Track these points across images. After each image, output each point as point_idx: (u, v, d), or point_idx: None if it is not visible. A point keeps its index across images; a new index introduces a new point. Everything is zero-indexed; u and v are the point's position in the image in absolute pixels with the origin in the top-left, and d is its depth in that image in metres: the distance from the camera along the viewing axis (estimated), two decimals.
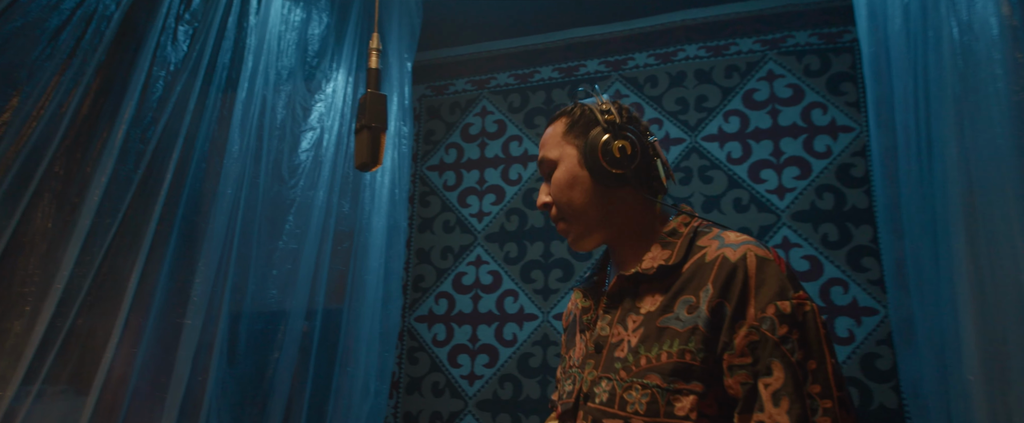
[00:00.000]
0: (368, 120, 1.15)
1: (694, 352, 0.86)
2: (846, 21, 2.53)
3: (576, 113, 1.06)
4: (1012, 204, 1.06)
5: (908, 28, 1.30)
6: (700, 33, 2.72)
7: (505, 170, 2.85)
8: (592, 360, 0.98)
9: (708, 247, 0.94)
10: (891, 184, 1.48)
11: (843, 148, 2.41)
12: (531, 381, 2.56)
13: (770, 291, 0.85)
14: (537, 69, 2.94)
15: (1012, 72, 1.09)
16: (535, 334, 2.61)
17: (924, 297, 1.25)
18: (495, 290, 2.72)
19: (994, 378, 1.01)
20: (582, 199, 1.01)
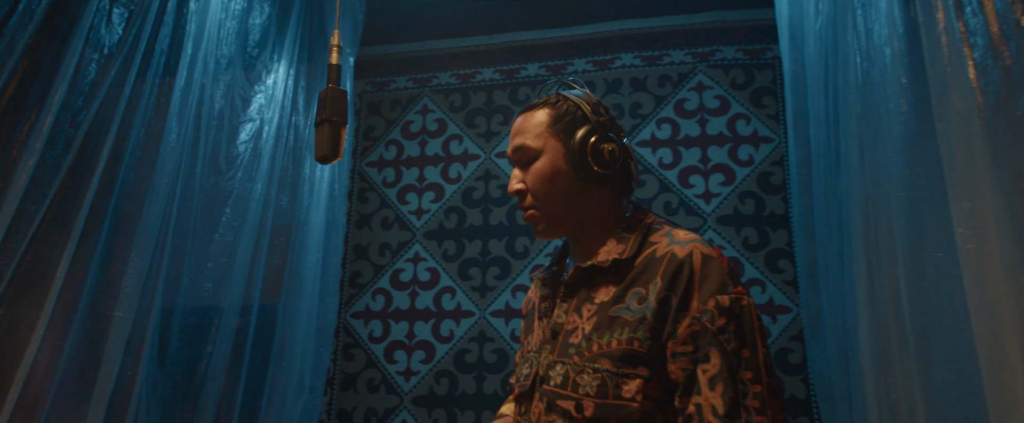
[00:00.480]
0: (329, 114, 1.17)
1: (642, 340, 0.93)
2: (769, 39, 2.71)
3: (562, 107, 1.08)
4: (896, 212, 1.19)
5: (821, 51, 1.43)
6: (636, 43, 2.85)
7: (445, 169, 2.88)
8: (548, 345, 1.04)
9: (659, 243, 1.01)
10: (805, 192, 1.62)
11: (764, 157, 2.59)
12: (467, 377, 2.60)
13: (711, 286, 0.92)
14: (479, 70, 2.99)
15: (899, 94, 1.23)
16: (472, 331, 2.66)
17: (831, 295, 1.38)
18: (433, 287, 2.74)
19: (881, 363, 1.14)
20: (561, 193, 1.05)
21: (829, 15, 1.37)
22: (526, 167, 1.08)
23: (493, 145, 2.87)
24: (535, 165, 1.06)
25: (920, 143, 1.09)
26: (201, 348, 1.87)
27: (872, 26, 1.24)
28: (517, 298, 2.66)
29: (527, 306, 1.24)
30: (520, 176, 1.09)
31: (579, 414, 0.94)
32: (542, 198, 1.06)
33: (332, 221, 2.46)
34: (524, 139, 1.08)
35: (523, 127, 1.10)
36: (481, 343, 2.64)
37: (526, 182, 1.07)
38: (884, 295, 1.14)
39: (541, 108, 1.10)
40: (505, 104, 2.91)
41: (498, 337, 2.62)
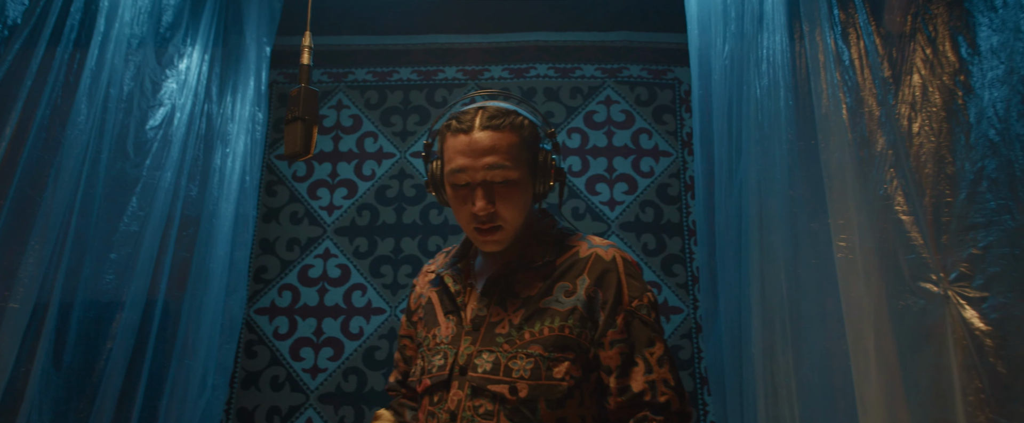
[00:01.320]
0: (302, 112, 1.18)
1: (571, 327, 1.07)
2: (670, 61, 2.96)
3: (524, 130, 1.12)
4: (781, 225, 1.40)
5: (726, 82, 1.63)
6: (550, 55, 3.00)
7: (359, 165, 2.87)
8: (469, 337, 1.11)
9: (578, 247, 1.16)
10: (708, 203, 1.82)
11: (663, 170, 2.83)
12: (376, 374, 2.61)
13: (639, 286, 1.11)
14: (396, 69, 3.00)
15: (786, 127, 1.44)
16: (382, 328, 2.67)
17: (728, 296, 1.58)
18: (343, 284, 2.72)
19: (767, 353, 1.34)
20: (524, 215, 1.13)
21: (735, 51, 1.57)
22: (496, 188, 1.08)
23: (409, 145, 2.89)
24: (512, 191, 1.09)
25: (801, 169, 1.30)
26: (100, 344, 1.75)
27: (768, 69, 1.44)
28: None
29: (418, 302, 1.28)
30: (488, 196, 1.08)
31: (513, 396, 1.03)
32: (510, 220, 1.10)
33: (242, 214, 2.38)
34: (500, 158, 1.07)
35: (495, 146, 1.08)
36: (391, 340, 2.65)
37: (497, 205, 1.08)
38: (772, 295, 1.34)
39: (507, 130, 1.10)
40: (422, 105, 2.94)
41: None
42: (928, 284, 0.91)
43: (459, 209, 1.14)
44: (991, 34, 0.90)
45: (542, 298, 1.10)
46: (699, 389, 2.53)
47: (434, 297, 1.24)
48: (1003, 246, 0.86)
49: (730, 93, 1.63)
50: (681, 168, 2.85)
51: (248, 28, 2.44)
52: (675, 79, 2.96)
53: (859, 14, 1.07)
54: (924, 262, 0.93)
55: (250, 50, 2.46)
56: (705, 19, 1.82)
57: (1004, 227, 0.86)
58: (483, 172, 1.07)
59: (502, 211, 1.10)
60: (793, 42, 1.30)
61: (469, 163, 1.08)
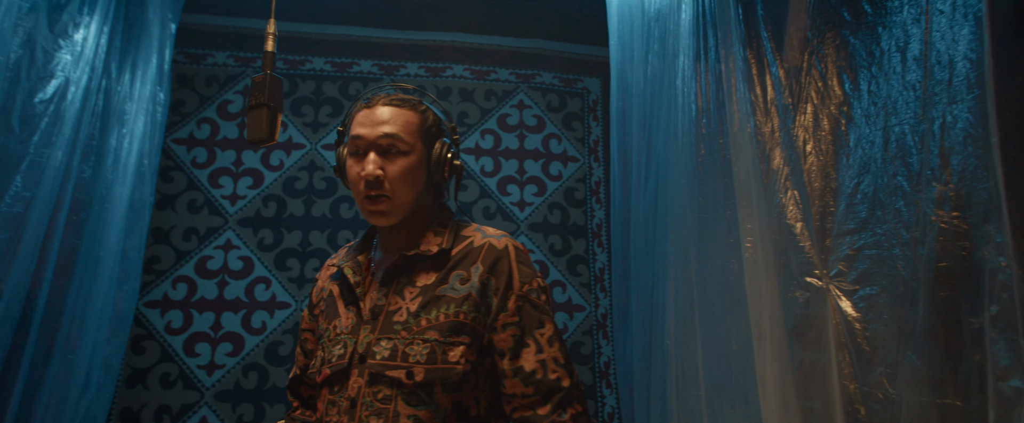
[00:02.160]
0: (267, 99, 1.15)
1: (466, 312, 1.11)
2: (580, 71, 3.11)
3: (428, 116, 1.21)
4: (692, 230, 1.56)
5: (644, 94, 1.78)
6: (466, 56, 3.05)
7: (266, 155, 2.77)
8: (368, 326, 1.14)
9: (473, 236, 1.20)
10: (624, 206, 1.95)
11: (570, 174, 2.97)
12: (279, 370, 2.54)
13: (529, 271, 1.17)
14: (309, 58, 2.93)
15: (698, 141, 1.60)
16: (287, 322, 2.60)
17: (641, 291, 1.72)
18: (245, 276, 2.62)
19: (680, 341, 1.48)
20: (413, 192, 1.17)
21: (655, 69, 1.71)
22: (388, 157, 1.14)
23: (320, 136, 2.84)
24: (402, 160, 1.15)
25: (709, 180, 1.45)
26: None
27: (683, 88, 1.59)
28: None
29: (320, 296, 1.29)
30: (379, 162, 1.14)
31: (410, 380, 1.07)
32: (399, 192, 1.15)
33: (137, 199, 2.24)
34: (396, 130, 1.14)
35: (393, 118, 1.16)
36: (297, 335, 2.59)
37: (386, 171, 1.14)
38: (684, 291, 1.48)
39: (409, 108, 1.19)
40: (335, 97, 2.90)
41: None
42: (812, 279, 1.08)
43: (353, 180, 1.18)
44: (868, 75, 1.08)
45: (438, 286, 1.14)
46: (598, 382, 2.68)
47: (335, 290, 1.25)
48: (871, 248, 1.04)
49: (646, 107, 1.77)
50: (587, 174, 3.00)
51: (152, 1, 2.29)
52: (584, 88, 3.12)
53: (765, 49, 1.23)
54: (810, 261, 1.10)
55: (153, 25, 2.31)
56: (625, 38, 1.96)
57: (872, 233, 1.04)
58: (377, 139, 1.14)
59: (390, 177, 1.13)
60: (707, 67, 1.45)
61: (366, 131, 1.15)
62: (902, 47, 1.01)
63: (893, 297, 0.97)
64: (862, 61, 1.10)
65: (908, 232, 0.95)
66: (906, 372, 0.92)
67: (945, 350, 0.88)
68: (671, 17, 1.62)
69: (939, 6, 0.95)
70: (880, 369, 0.98)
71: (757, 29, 1.25)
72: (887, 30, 1.05)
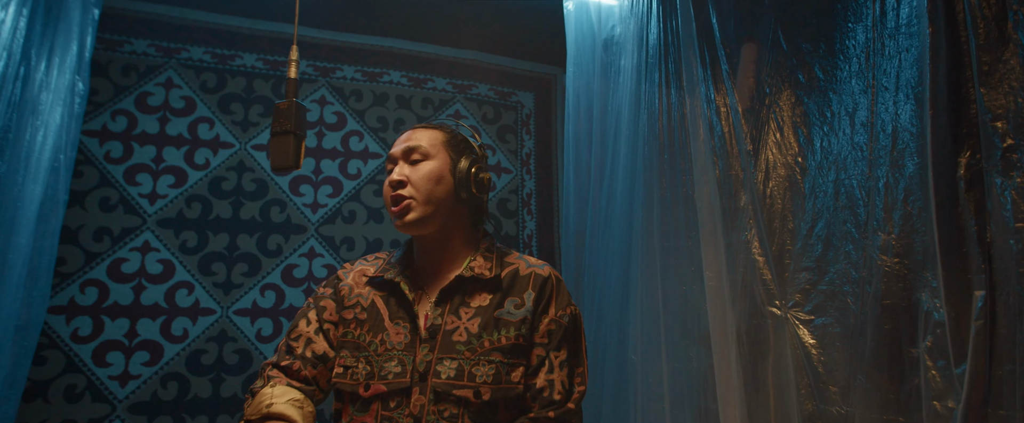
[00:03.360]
0: (294, 127, 1.16)
1: (524, 336, 1.19)
2: (515, 85, 3.21)
3: (454, 135, 1.30)
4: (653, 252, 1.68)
5: (603, 126, 1.89)
6: (404, 63, 3.06)
7: (190, 153, 2.63)
8: (427, 344, 1.17)
9: (517, 265, 1.28)
10: (580, 226, 2.05)
11: (504, 186, 3.05)
12: (201, 379, 2.43)
13: (565, 299, 1.27)
14: (239, 54, 2.81)
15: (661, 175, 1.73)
16: (211, 329, 2.49)
17: (593, 308, 1.83)
18: (165, 281, 2.48)
19: (648, 355, 1.60)
20: (439, 196, 1.23)
21: (619, 99, 1.83)
22: (414, 166, 1.23)
23: (250, 136, 2.73)
24: (424, 164, 1.23)
25: (672, 212, 1.59)
26: None
27: (649, 122, 1.73)
28: (266, 297, 2.59)
29: (353, 299, 1.27)
30: (406, 170, 1.23)
31: (477, 399, 1.13)
32: (422, 192, 1.21)
33: (50, 197, 2.06)
34: (419, 142, 1.25)
35: (417, 136, 1.27)
36: (221, 343, 2.49)
37: (409, 176, 1.22)
38: (649, 309, 1.61)
39: (437, 129, 1.30)
40: (267, 96, 2.80)
41: (241, 337, 2.51)
42: (774, 308, 1.23)
43: (385, 196, 1.26)
44: (820, 132, 1.25)
45: (495, 309, 1.20)
46: None
47: (379, 301, 1.25)
48: (824, 284, 1.21)
49: (608, 133, 1.89)
50: (520, 185, 3.10)
51: None
52: (518, 102, 3.21)
53: (729, 94, 1.37)
54: (771, 292, 1.25)
55: (74, 9, 2.13)
56: (584, 63, 2.07)
57: (825, 271, 1.21)
58: (404, 150, 1.24)
59: (413, 180, 1.21)
60: (670, 105, 1.59)
61: (396, 148, 1.27)
62: (851, 112, 1.19)
63: (845, 327, 1.14)
64: (815, 119, 1.27)
65: (857, 272, 1.12)
66: (857, 392, 1.09)
67: (890, 374, 1.06)
68: (636, 51, 1.74)
69: (884, 82, 1.13)
70: (834, 389, 1.14)
71: (720, 75, 1.40)
72: (838, 96, 1.22)
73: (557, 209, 3.15)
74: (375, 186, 2.86)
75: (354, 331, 1.24)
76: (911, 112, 1.04)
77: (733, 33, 1.41)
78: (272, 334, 2.56)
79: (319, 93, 2.88)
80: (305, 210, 2.73)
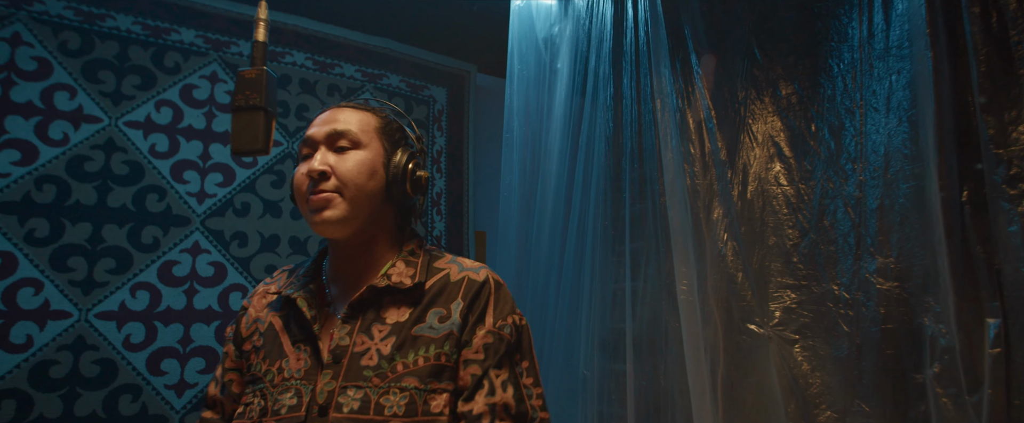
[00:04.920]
0: (262, 101, 0.91)
1: (448, 354, 0.99)
2: (428, 79, 3.06)
3: (388, 119, 1.12)
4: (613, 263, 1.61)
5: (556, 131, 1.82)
6: (310, 44, 2.80)
7: (43, 125, 2.21)
8: (329, 370, 0.97)
9: (449, 269, 1.08)
10: (522, 230, 1.94)
11: None
12: (49, 396, 2.03)
13: (506, 307, 1.07)
14: (112, 14, 2.42)
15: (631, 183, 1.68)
16: (65, 336, 2.09)
17: (536, 316, 1.73)
18: (4, 277, 2.05)
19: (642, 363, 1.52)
20: (369, 193, 1.03)
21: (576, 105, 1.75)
22: (340, 154, 1.04)
23: (123, 110, 2.35)
24: (353, 154, 1.04)
25: (642, 224, 1.54)
26: None
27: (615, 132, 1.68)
28: (138, 298, 2.23)
29: (253, 328, 1.10)
30: (327, 158, 1.03)
31: None
32: (351, 187, 1.02)
33: None
34: (349, 126, 1.05)
35: (346, 118, 1.07)
36: (77, 352, 2.10)
37: (335, 166, 1.02)
38: (614, 321, 1.53)
39: (367, 110, 1.11)
40: (145, 65, 2.43)
41: (104, 345, 2.15)
42: (754, 326, 1.21)
43: (297, 185, 1.05)
44: (802, 150, 1.25)
45: (414, 325, 1.00)
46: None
47: (278, 323, 1.06)
48: (810, 304, 1.20)
49: (565, 138, 1.80)
50: (429, 185, 2.95)
51: None
52: (430, 97, 3.07)
53: (701, 102, 1.35)
54: (751, 309, 1.22)
55: None
56: (528, 64, 1.98)
57: (809, 290, 1.20)
58: (327, 135, 1.04)
59: (340, 172, 1.01)
60: (639, 112, 1.54)
61: (315, 130, 1.06)
62: (836, 131, 1.20)
63: (837, 350, 1.14)
64: (796, 135, 1.28)
65: (849, 293, 1.13)
66: (855, 418, 1.09)
67: (894, 401, 1.06)
68: (593, 51, 1.69)
69: (873, 103, 1.15)
70: (828, 413, 1.14)
71: (693, 82, 1.37)
72: (820, 114, 1.23)
73: (468, 210, 3.04)
74: (273, 176, 2.58)
75: (252, 362, 1.06)
76: (904, 135, 1.08)
77: (705, 40, 1.39)
78: (144, 341, 2.21)
79: (210, 69, 2.55)
80: (190, 199, 2.40)
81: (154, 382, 2.20)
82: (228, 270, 2.42)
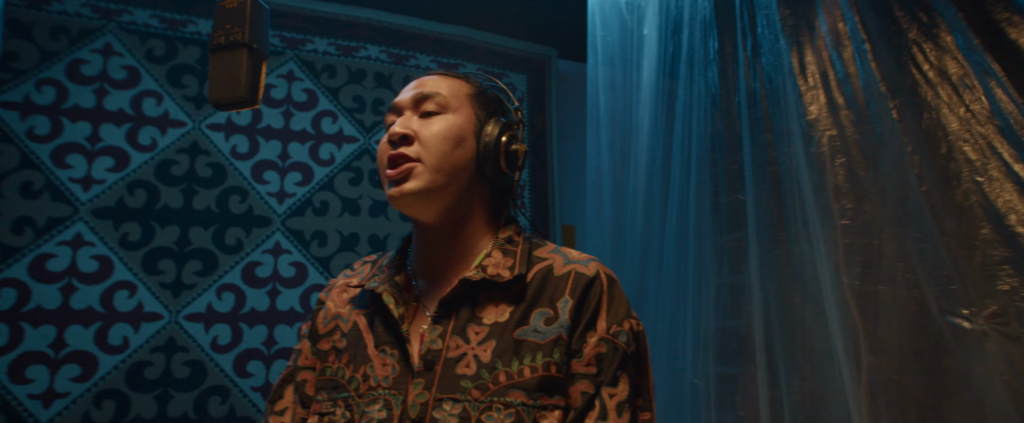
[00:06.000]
0: (246, 36, 0.74)
1: (559, 363, 0.84)
2: (506, 65, 2.91)
3: (482, 90, 0.99)
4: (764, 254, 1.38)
5: (656, 108, 1.62)
6: (384, 37, 2.73)
7: (134, 131, 2.25)
8: (420, 379, 0.84)
9: (551, 260, 0.93)
10: (615, 220, 1.75)
11: None
12: (145, 397, 2.05)
13: (622, 308, 0.90)
14: (193, 20, 2.44)
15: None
16: (157, 338, 2.11)
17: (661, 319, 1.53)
18: (102, 281, 2.09)
19: (789, 364, 1.29)
20: (456, 163, 0.91)
21: (683, 80, 1.54)
22: (425, 119, 0.92)
23: (205, 113, 2.37)
24: (440, 118, 0.92)
25: (762, 203, 1.31)
26: None
27: (727, 107, 1.45)
28: (224, 300, 2.23)
29: (332, 325, 0.98)
30: (411, 123, 0.91)
31: None
32: (437, 155, 0.89)
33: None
34: (438, 89, 0.94)
35: (433, 82, 0.96)
36: (169, 354, 2.12)
37: (418, 131, 0.90)
38: (772, 314, 1.29)
39: (458, 78, 0.99)
40: None
41: (194, 346, 2.15)
42: (961, 320, 0.94)
43: (379, 158, 0.96)
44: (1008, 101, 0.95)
45: (517, 327, 0.86)
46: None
47: (362, 322, 0.94)
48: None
49: (659, 113, 1.59)
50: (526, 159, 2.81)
51: None
52: (510, 85, 2.92)
53: (855, 38, 1.09)
54: (954, 297, 0.94)
55: None
56: (610, 42, 1.79)
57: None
58: (415, 97, 0.94)
59: (423, 138, 0.90)
60: (760, 69, 1.31)
61: (403, 95, 0.97)
62: None
63: None
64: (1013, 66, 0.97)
65: None
66: None
67: None
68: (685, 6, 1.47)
69: None
70: None
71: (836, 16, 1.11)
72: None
73: (553, 203, 2.86)
74: (351, 173, 2.52)
75: (332, 365, 0.94)
76: None
77: None
78: (230, 343, 2.20)
79: (287, 67, 2.53)
80: (270, 200, 2.38)
81: (241, 384, 2.18)
82: (309, 270, 2.37)
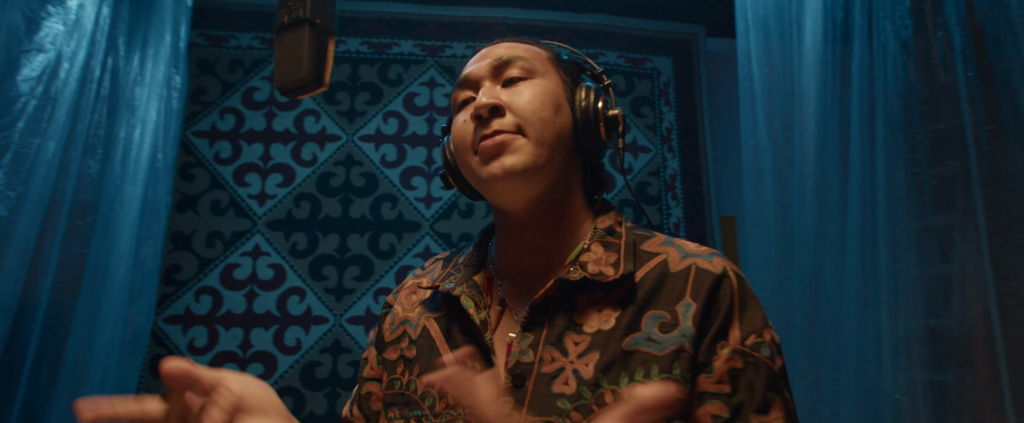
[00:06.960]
0: (310, 13, 0.70)
1: (682, 380, 0.68)
2: (649, 50, 2.73)
3: (560, 55, 0.85)
4: None
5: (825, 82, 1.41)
6: (519, 34, 2.69)
7: (297, 148, 2.44)
8: (510, 398, 0.71)
9: (665, 254, 0.77)
10: (781, 212, 1.54)
11: (642, 167, 2.59)
12: (316, 394, 2.20)
13: (758, 314, 0.73)
14: (343, 39, 2.60)
15: None
16: (324, 340, 2.26)
17: None
18: (277, 287, 2.29)
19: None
20: (559, 131, 0.77)
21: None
22: (510, 87, 0.78)
23: (357, 126, 2.50)
24: (531, 82, 0.78)
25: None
26: None
27: None
28: (380, 304, 2.33)
29: (400, 331, 0.86)
30: (498, 93, 0.77)
31: None
32: (535, 123, 0.75)
33: (151, 201, 1.92)
34: (516, 53, 0.80)
35: (509, 45, 0.83)
36: (335, 354, 2.26)
37: (510, 101, 0.76)
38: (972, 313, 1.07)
39: (533, 43, 0.85)
40: (373, 81, 2.56)
41: (356, 348, 2.27)
42: None
43: (459, 139, 0.79)
44: None
45: (626, 336, 0.71)
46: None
47: (434, 329, 0.82)
48: None
49: (832, 78, 1.35)
50: (661, 166, 2.62)
51: None
52: (654, 69, 2.74)
53: None
54: None
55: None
56: (762, 11, 1.57)
57: None
58: (494, 65, 0.79)
59: (517, 106, 0.75)
60: None
61: (475, 66, 0.81)
62: None
63: None
64: None
65: None
66: None
67: None
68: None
69: None
70: None
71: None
72: None
73: (709, 192, 2.63)
74: None
75: (401, 377, 0.82)
76: None
77: None
78: None
79: (428, 75, 2.59)
80: (418, 205, 2.45)
81: None
82: None
